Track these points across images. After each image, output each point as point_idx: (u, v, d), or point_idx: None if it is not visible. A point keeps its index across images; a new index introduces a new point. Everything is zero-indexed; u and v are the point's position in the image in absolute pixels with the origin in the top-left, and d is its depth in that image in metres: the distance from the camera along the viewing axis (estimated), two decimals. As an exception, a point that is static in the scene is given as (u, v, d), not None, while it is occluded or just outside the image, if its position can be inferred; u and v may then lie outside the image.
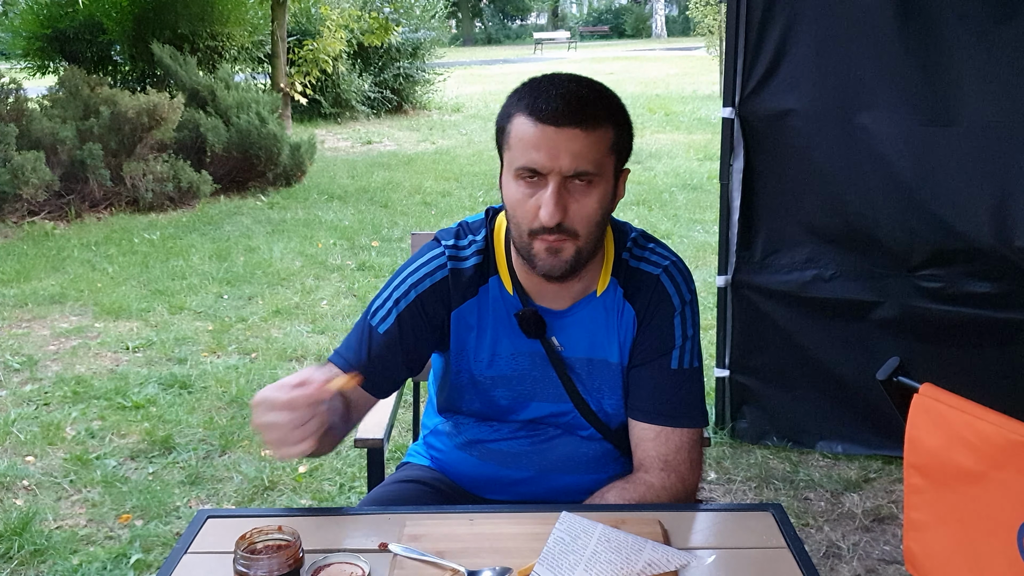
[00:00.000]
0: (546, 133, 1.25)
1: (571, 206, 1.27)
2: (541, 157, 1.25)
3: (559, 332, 1.43)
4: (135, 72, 10.07)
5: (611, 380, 1.44)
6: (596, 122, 1.26)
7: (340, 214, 7.19)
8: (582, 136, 1.25)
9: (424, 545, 1.20)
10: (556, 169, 1.25)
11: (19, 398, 3.76)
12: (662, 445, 1.41)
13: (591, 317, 1.43)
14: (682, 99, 14.50)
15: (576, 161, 1.25)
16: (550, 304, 1.42)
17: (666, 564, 1.14)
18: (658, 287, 1.42)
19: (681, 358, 1.43)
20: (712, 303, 4.19)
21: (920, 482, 1.49)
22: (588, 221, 1.29)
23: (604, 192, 1.30)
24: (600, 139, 1.27)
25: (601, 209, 1.30)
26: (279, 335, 4.47)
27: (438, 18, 15.45)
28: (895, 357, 1.52)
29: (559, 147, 1.24)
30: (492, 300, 1.42)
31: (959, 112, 2.66)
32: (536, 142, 1.25)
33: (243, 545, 1.10)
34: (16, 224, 6.73)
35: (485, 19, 47.12)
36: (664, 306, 1.42)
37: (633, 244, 1.45)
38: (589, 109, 1.26)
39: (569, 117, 1.24)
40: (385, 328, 1.41)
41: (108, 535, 2.72)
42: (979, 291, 2.76)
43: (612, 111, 1.30)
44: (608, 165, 1.30)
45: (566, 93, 1.26)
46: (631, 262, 1.44)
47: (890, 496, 2.83)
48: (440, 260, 1.43)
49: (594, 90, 1.29)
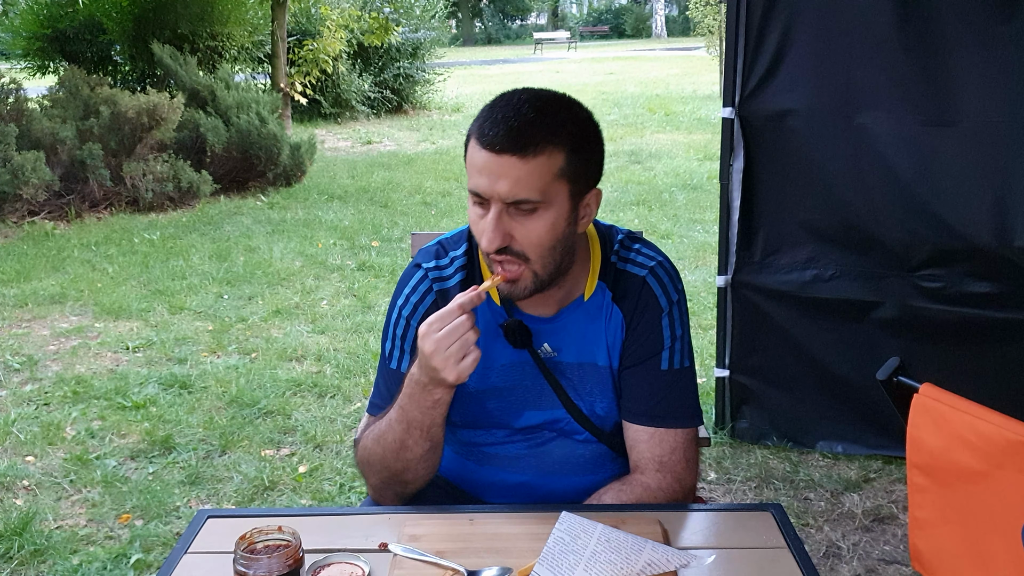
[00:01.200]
0: (487, 159, 1.23)
1: (516, 231, 1.26)
2: (483, 183, 1.24)
3: (549, 338, 1.43)
4: (135, 72, 10.07)
5: (601, 383, 1.44)
6: (537, 149, 1.22)
7: (340, 214, 7.19)
8: (520, 164, 1.22)
9: (424, 545, 1.21)
10: (495, 195, 1.24)
11: (19, 398, 3.76)
12: (656, 446, 1.41)
13: (579, 322, 1.42)
14: (682, 99, 14.49)
15: (514, 189, 1.23)
16: (537, 311, 1.42)
17: (666, 564, 1.14)
18: (644, 289, 1.42)
19: (671, 359, 1.42)
20: (712, 303, 4.20)
21: (923, 481, 1.49)
22: (536, 246, 1.27)
23: (554, 218, 1.27)
24: (542, 166, 1.23)
25: (552, 234, 1.28)
26: (279, 335, 4.47)
27: (438, 18, 15.45)
28: (895, 357, 1.52)
29: (497, 174, 1.23)
30: (480, 313, 1.41)
31: (959, 112, 2.66)
32: (479, 167, 1.24)
33: (243, 545, 1.10)
34: (16, 224, 6.73)
35: (485, 19, 47.11)
36: (651, 308, 1.42)
37: (620, 246, 1.45)
38: (530, 135, 1.22)
39: (507, 144, 1.22)
40: (406, 367, 1.43)
41: (108, 535, 2.72)
42: (979, 291, 2.76)
43: (562, 135, 1.25)
44: (557, 191, 1.26)
45: (510, 117, 1.23)
46: (619, 264, 1.44)
47: (890, 496, 2.83)
48: (424, 285, 1.44)
49: (544, 112, 1.25)
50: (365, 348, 4.23)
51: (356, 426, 1.55)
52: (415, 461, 1.36)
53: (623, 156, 9.57)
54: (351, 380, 3.89)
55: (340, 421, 3.50)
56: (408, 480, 1.39)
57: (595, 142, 1.33)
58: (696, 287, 4.98)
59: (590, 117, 1.33)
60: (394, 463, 1.37)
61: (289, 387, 3.80)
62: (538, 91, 1.30)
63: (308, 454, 3.22)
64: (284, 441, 3.35)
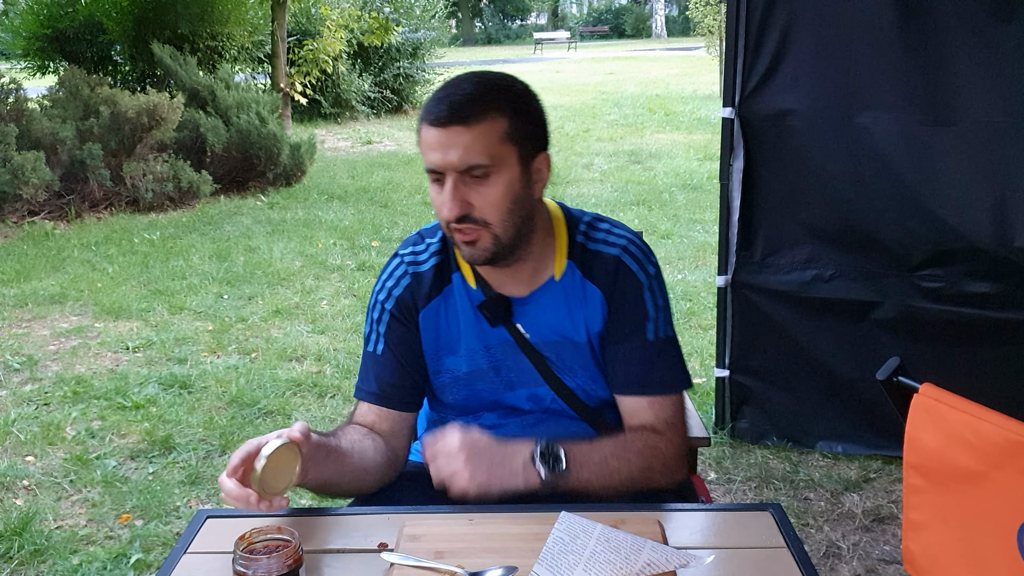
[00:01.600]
0: (436, 135, 1.32)
1: (473, 198, 1.34)
2: (435, 157, 1.33)
3: (523, 319, 1.48)
4: (135, 72, 10.07)
5: (581, 359, 1.49)
6: (481, 116, 1.31)
7: (340, 214, 7.19)
8: (466, 132, 1.31)
9: (423, 545, 1.20)
10: (449, 166, 1.32)
11: (19, 398, 3.76)
12: (660, 411, 1.46)
13: (552, 301, 1.47)
14: (682, 99, 14.49)
15: (464, 156, 1.31)
16: (511, 292, 1.47)
17: (665, 564, 1.14)
18: (621, 267, 1.46)
19: (656, 329, 1.47)
20: (712, 303, 4.20)
21: (920, 482, 1.49)
22: (495, 209, 1.34)
23: (508, 180, 1.35)
24: (488, 131, 1.32)
25: (509, 196, 1.35)
26: (279, 335, 4.47)
27: (438, 18, 15.45)
28: (895, 357, 1.52)
29: (447, 145, 1.31)
30: (458, 296, 1.48)
31: (959, 112, 2.65)
32: (431, 144, 1.33)
33: (242, 545, 1.10)
34: (16, 224, 6.73)
35: (485, 19, 47.12)
36: (631, 284, 1.46)
37: (588, 227, 1.51)
38: (472, 105, 1.32)
39: (451, 116, 1.31)
40: (380, 350, 1.51)
41: (108, 535, 2.72)
42: (979, 291, 2.76)
43: (502, 102, 1.34)
44: (506, 154, 1.34)
45: (452, 94, 1.33)
46: (588, 244, 1.49)
47: (890, 496, 2.83)
48: (400, 270, 1.51)
49: (482, 85, 1.35)
50: (365, 348, 4.23)
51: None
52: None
53: (623, 156, 9.57)
54: (351, 380, 3.89)
55: (340, 421, 3.48)
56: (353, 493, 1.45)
57: (535, 108, 1.40)
58: (696, 287, 4.98)
59: (527, 88, 1.41)
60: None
61: (289, 387, 3.80)
62: (477, 71, 1.39)
63: (308, 454, 3.22)
64: (284, 441, 3.34)
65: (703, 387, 3.66)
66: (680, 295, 4.83)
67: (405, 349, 1.49)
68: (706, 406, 3.42)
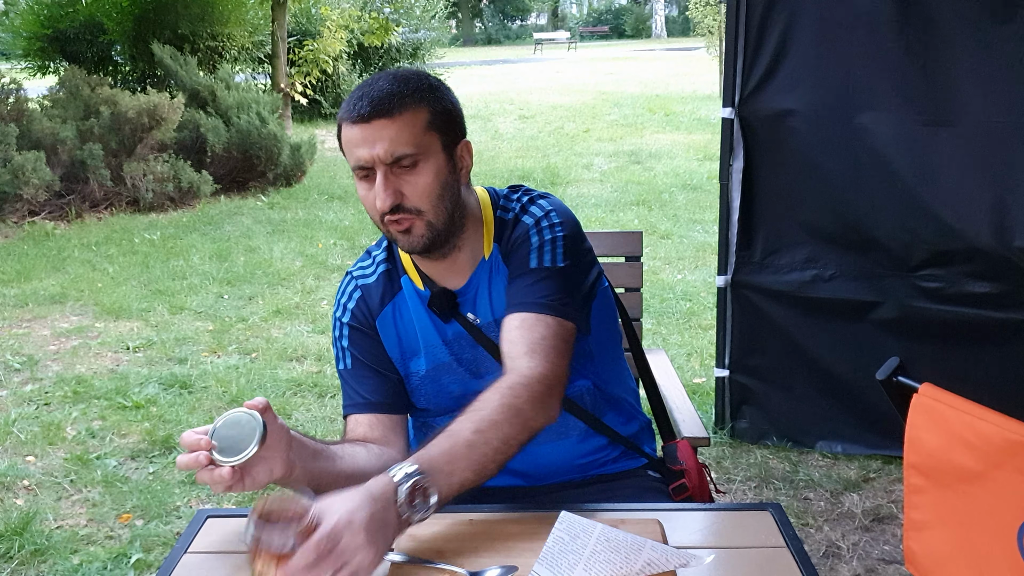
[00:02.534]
0: (362, 131, 1.35)
1: (404, 188, 1.36)
2: (363, 152, 1.35)
3: (467, 307, 1.50)
4: (135, 72, 10.08)
5: None
6: (402, 107, 1.34)
7: (340, 214, 7.19)
8: (390, 124, 1.34)
9: (423, 545, 1.21)
10: (377, 159, 1.34)
11: (19, 398, 3.76)
12: (527, 332, 1.37)
13: (487, 281, 1.49)
14: (682, 99, 14.49)
15: (391, 146, 1.34)
16: (454, 284, 1.50)
17: (665, 564, 1.14)
18: (515, 223, 1.49)
19: (540, 257, 1.45)
20: (712, 303, 4.20)
21: (920, 482, 1.49)
22: (426, 196, 1.37)
23: (436, 167, 1.38)
24: (410, 120, 1.35)
25: (438, 183, 1.38)
26: (279, 335, 4.47)
27: (438, 18, 15.47)
28: (895, 357, 1.52)
29: (373, 139, 1.34)
30: (409, 299, 1.51)
31: (959, 112, 2.65)
32: (355, 141, 1.36)
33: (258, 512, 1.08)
34: (16, 224, 6.73)
35: (485, 19, 47.12)
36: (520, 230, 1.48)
37: (503, 200, 1.53)
38: (393, 99, 1.35)
39: (374, 110, 1.34)
40: (350, 365, 1.53)
41: (108, 535, 2.73)
42: (979, 291, 2.76)
43: (420, 93, 1.38)
44: (431, 142, 1.37)
45: (370, 91, 1.36)
46: (500, 215, 1.52)
47: (890, 496, 2.83)
48: (350, 286, 1.56)
49: (398, 80, 1.38)
50: (365, 348, 4.23)
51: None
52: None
53: (623, 156, 9.57)
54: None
55: (340, 421, 3.49)
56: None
57: (451, 99, 1.44)
58: (696, 287, 4.99)
59: (440, 81, 1.45)
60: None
61: (289, 387, 3.81)
62: (389, 70, 1.44)
63: (308, 454, 3.22)
64: (284, 441, 3.34)
65: (703, 387, 3.66)
66: (680, 295, 4.83)
67: (373, 356, 1.52)
68: (706, 406, 3.42)
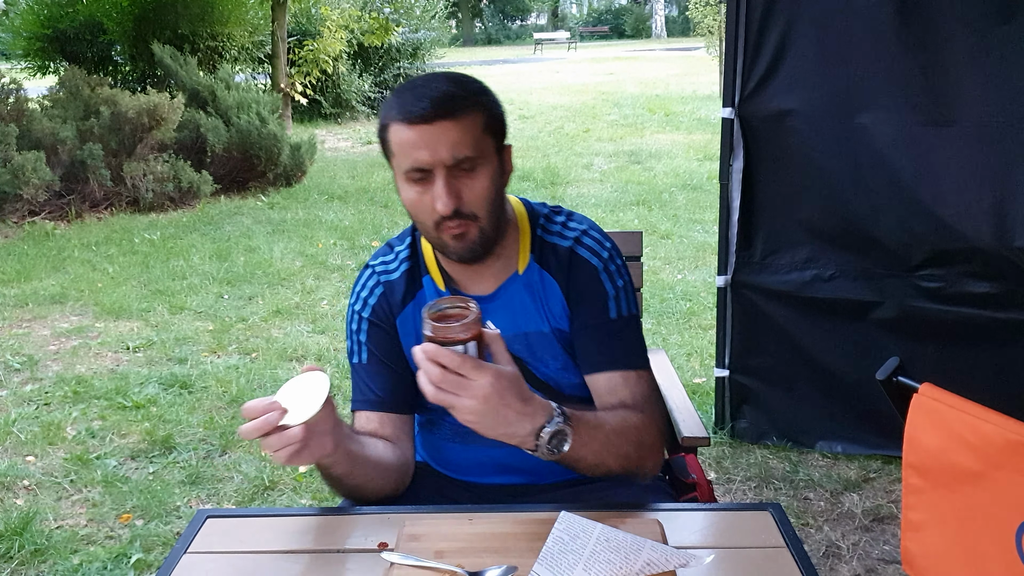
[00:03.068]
0: (422, 132, 1.33)
1: (463, 192, 1.35)
2: (423, 155, 1.33)
3: (491, 315, 1.47)
4: (135, 72, 10.09)
5: (550, 348, 1.50)
6: (464, 110, 1.34)
7: (340, 214, 7.19)
8: (453, 126, 1.33)
9: (423, 545, 1.21)
10: (439, 162, 1.33)
11: (19, 398, 3.76)
12: (636, 388, 1.45)
13: (517, 295, 1.49)
14: (682, 99, 14.49)
15: (455, 149, 1.33)
16: (477, 291, 1.49)
17: (665, 564, 1.14)
18: (574, 257, 1.49)
19: (618, 306, 1.48)
20: (712, 303, 4.20)
21: (919, 482, 1.49)
22: (483, 200, 1.37)
23: (490, 171, 1.38)
24: (471, 124, 1.35)
25: (493, 187, 1.38)
26: (279, 335, 4.47)
27: (438, 18, 15.47)
28: (895, 357, 1.52)
29: (436, 141, 1.32)
30: (429, 299, 1.50)
31: (959, 112, 2.66)
32: (415, 143, 1.33)
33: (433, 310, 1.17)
34: (17, 224, 6.73)
35: (485, 19, 47.11)
36: (585, 270, 1.48)
37: (545, 220, 1.53)
38: (454, 101, 1.34)
39: (438, 112, 1.32)
40: (365, 358, 1.52)
41: (108, 535, 2.73)
42: (979, 291, 2.76)
43: (477, 97, 1.38)
44: (487, 145, 1.37)
45: (430, 92, 1.34)
46: (545, 237, 1.51)
47: (890, 496, 2.83)
48: (372, 280, 1.54)
49: (455, 82, 1.38)
50: (365, 348, 4.23)
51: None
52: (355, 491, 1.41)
53: (623, 156, 9.57)
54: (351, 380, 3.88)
55: (340, 421, 3.50)
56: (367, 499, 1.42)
57: (500, 102, 1.44)
58: (696, 287, 4.99)
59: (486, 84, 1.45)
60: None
61: (289, 387, 3.80)
62: (439, 73, 1.42)
63: (308, 454, 3.22)
64: (284, 441, 3.34)
65: (703, 387, 3.66)
66: (680, 295, 4.83)
67: (389, 353, 1.51)
68: (706, 406, 3.42)
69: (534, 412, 1.25)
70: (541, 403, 1.27)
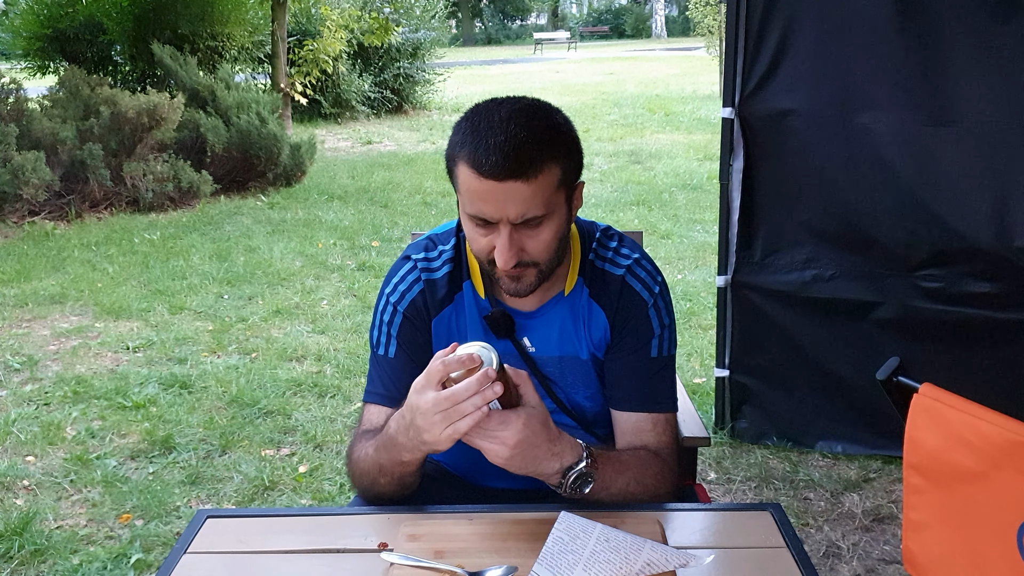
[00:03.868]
0: (490, 187, 1.25)
1: (526, 244, 1.31)
2: (488, 209, 1.27)
3: (529, 333, 1.47)
4: (135, 72, 10.08)
5: (584, 375, 1.48)
6: (538, 168, 1.25)
7: (340, 214, 7.19)
8: (525, 187, 1.25)
9: (423, 545, 1.21)
10: (504, 219, 1.27)
11: (19, 398, 3.76)
12: (662, 434, 1.45)
13: (560, 317, 1.46)
14: (682, 99, 14.49)
15: (523, 209, 1.26)
16: (519, 306, 1.46)
17: (665, 564, 1.14)
18: (625, 288, 1.45)
19: (660, 346, 1.46)
20: (712, 303, 4.20)
21: (919, 482, 1.49)
22: (546, 250, 1.33)
23: (559, 222, 1.32)
24: (544, 183, 1.27)
25: (558, 235, 1.33)
26: (279, 335, 4.47)
27: (438, 18, 15.45)
28: (895, 357, 1.52)
29: (504, 200, 1.25)
30: (468, 305, 1.47)
31: (959, 112, 2.66)
32: (482, 195, 1.26)
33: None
34: (16, 224, 6.73)
35: (485, 19, 47.12)
36: (635, 304, 1.45)
37: (598, 244, 1.49)
38: (528, 158, 1.24)
39: (509, 171, 1.23)
40: (393, 352, 1.48)
41: (108, 535, 2.72)
42: (979, 291, 2.76)
43: (555, 148, 1.28)
44: (558, 200, 1.31)
45: (504, 143, 1.23)
46: (596, 262, 1.47)
47: (890, 496, 2.83)
48: (413, 275, 1.48)
49: (536, 132, 1.26)
50: (365, 348, 4.23)
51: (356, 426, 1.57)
52: (386, 494, 1.39)
53: (623, 156, 9.57)
54: (351, 380, 3.89)
55: (340, 421, 3.50)
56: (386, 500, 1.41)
57: (577, 142, 1.35)
58: (696, 287, 4.99)
59: (565, 117, 1.35)
60: (366, 491, 1.41)
61: (289, 387, 3.80)
62: (517, 105, 1.30)
63: (308, 454, 3.22)
64: (284, 441, 3.35)
65: (703, 387, 3.66)
66: (680, 295, 4.83)
67: (418, 351, 1.46)
68: (706, 406, 3.42)
69: (562, 451, 1.26)
70: (570, 442, 1.27)
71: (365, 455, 1.37)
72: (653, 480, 1.39)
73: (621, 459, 1.38)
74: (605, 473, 1.31)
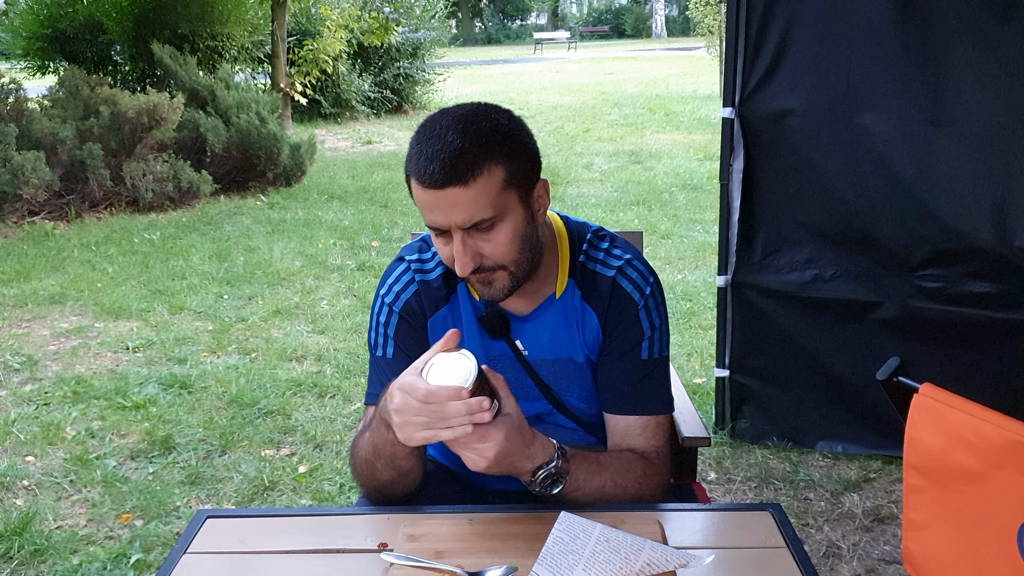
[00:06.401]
0: (434, 196, 1.27)
1: (483, 248, 1.31)
2: (437, 218, 1.29)
3: (522, 336, 1.47)
4: (135, 72, 10.07)
5: (579, 378, 1.49)
6: (477, 171, 1.26)
7: (340, 214, 7.19)
8: (464, 191, 1.26)
9: (423, 545, 1.21)
10: (453, 225, 1.28)
11: (19, 398, 3.76)
12: (652, 437, 1.45)
13: (552, 320, 1.46)
14: (682, 99, 14.49)
15: (468, 214, 1.27)
16: (513, 309, 1.46)
17: (665, 564, 1.14)
18: (616, 289, 1.45)
19: (651, 348, 1.46)
20: (712, 303, 4.20)
21: (920, 482, 1.49)
22: (507, 251, 1.32)
23: (514, 222, 1.32)
24: (486, 185, 1.27)
25: (517, 236, 1.33)
26: (279, 335, 4.47)
27: (438, 18, 15.46)
28: (895, 357, 1.52)
29: (448, 207, 1.27)
30: (463, 306, 1.47)
31: (959, 112, 2.66)
32: (428, 205, 1.29)
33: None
34: (16, 224, 6.73)
35: (485, 19, 47.12)
36: (626, 305, 1.45)
37: (589, 246, 1.48)
38: (464, 163, 1.25)
39: (447, 177, 1.24)
40: (391, 352, 1.49)
41: (108, 535, 2.72)
42: (979, 291, 2.76)
43: (495, 150, 1.28)
44: (508, 199, 1.30)
45: (440, 151, 1.25)
46: (588, 264, 1.47)
47: (890, 496, 2.83)
48: (407, 276, 1.49)
49: (471, 136, 1.26)
50: (365, 348, 4.22)
51: (356, 426, 1.56)
52: (387, 484, 1.38)
53: (623, 156, 9.57)
54: (351, 380, 3.89)
55: (340, 421, 3.50)
56: (388, 494, 1.41)
57: (525, 142, 1.35)
58: (696, 287, 4.98)
59: (512, 118, 1.34)
60: (368, 482, 1.41)
61: (289, 387, 3.80)
62: (457, 112, 1.31)
63: (308, 454, 3.22)
64: (284, 441, 3.35)
65: (703, 387, 3.66)
66: (680, 295, 4.83)
67: (415, 350, 1.45)
68: (706, 406, 3.42)
69: (535, 453, 1.28)
70: (543, 442, 1.29)
71: (363, 441, 1.39)
72: (634, 482, 1.39)
73: (599, 460, 1.38)
74: (578, 473, 1.32)
